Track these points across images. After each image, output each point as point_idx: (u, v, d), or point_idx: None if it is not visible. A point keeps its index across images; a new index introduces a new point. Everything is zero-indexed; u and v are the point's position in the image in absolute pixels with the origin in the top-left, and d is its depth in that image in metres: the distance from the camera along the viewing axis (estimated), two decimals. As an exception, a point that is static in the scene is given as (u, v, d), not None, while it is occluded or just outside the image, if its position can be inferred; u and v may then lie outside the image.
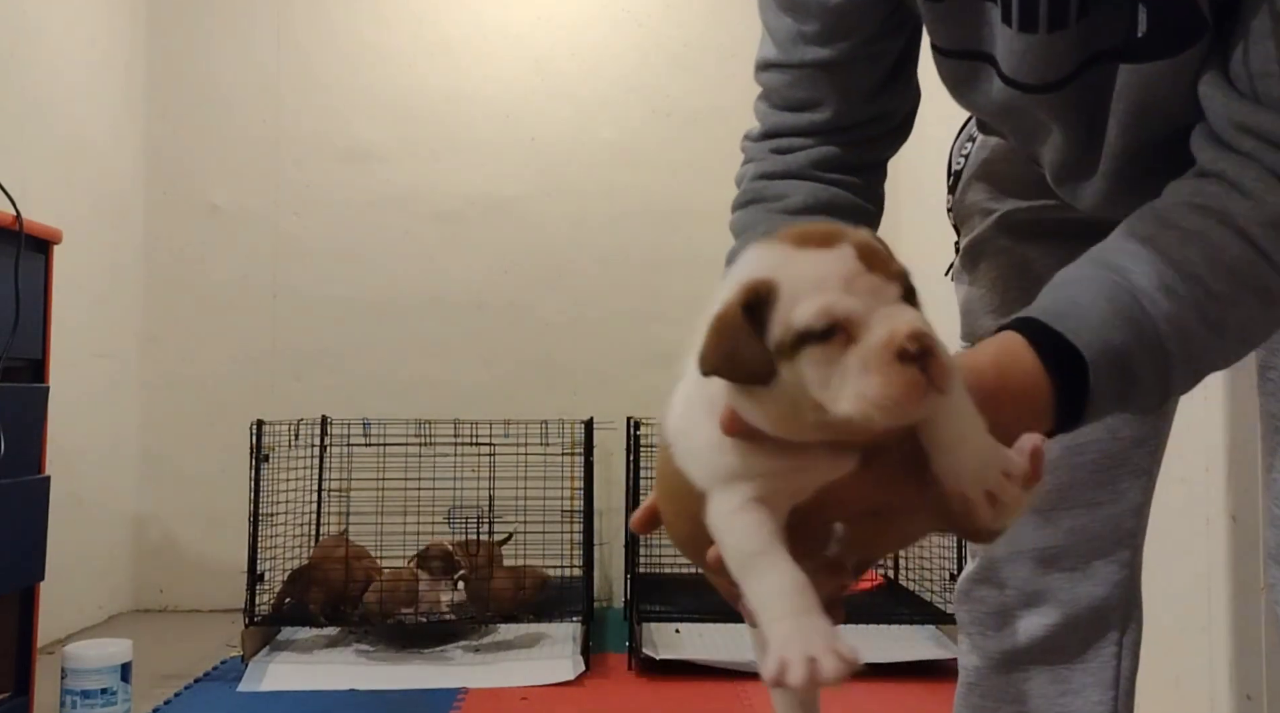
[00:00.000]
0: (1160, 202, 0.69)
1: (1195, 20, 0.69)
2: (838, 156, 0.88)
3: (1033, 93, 0.78)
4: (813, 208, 0.86)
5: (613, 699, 2.52)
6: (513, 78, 3.78)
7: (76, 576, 3.09)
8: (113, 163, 3.51)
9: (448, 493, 3.18)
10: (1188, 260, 0.64)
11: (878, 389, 0.51)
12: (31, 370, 2.18)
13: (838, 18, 0.83)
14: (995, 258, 1.02)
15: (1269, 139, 0.66)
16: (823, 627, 0.52)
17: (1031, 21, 0.73)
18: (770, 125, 0.90)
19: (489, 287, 3.74)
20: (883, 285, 0.52)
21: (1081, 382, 0.63)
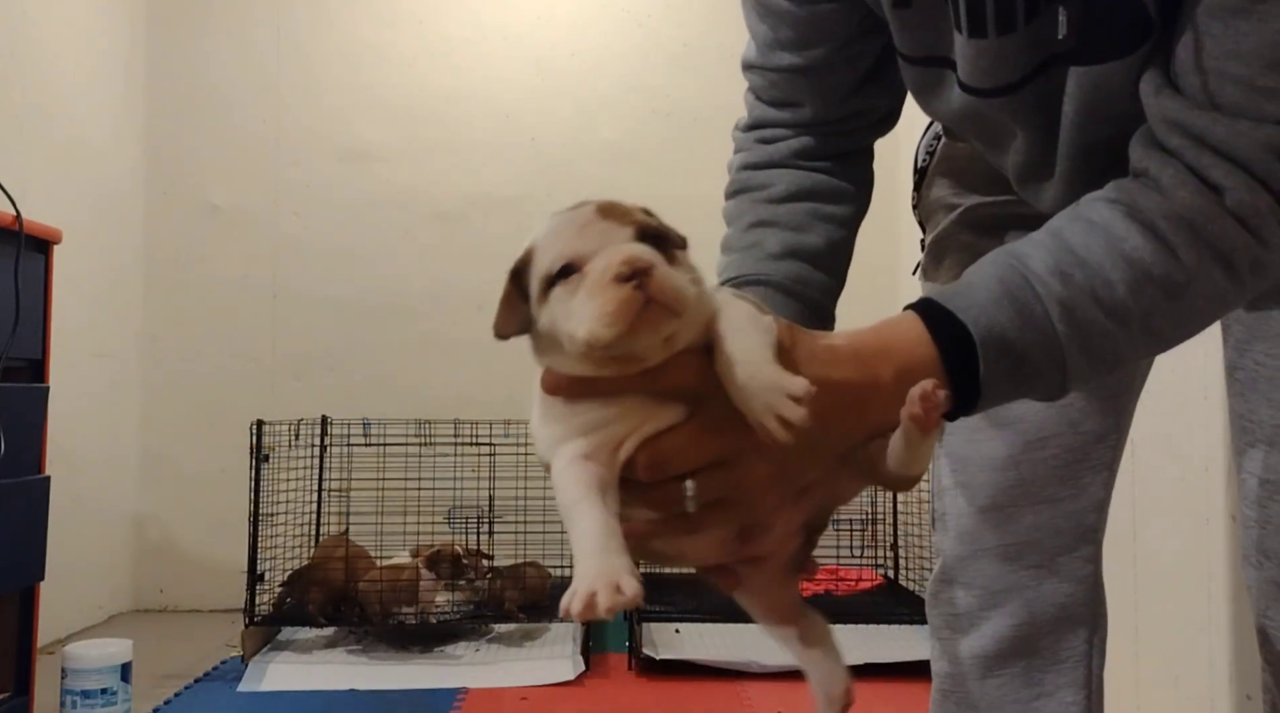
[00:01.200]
0: (1081, 199, 0.70)
1: (1143, 21, 0.69)
2: (819, 146, 0.90)
3: (986, 97, 0.78)
4: (795, 195, 0.88)
5: (613, 699, 2.52)
6: (513, 78, 3.78)
7: (76, 576, 3.09)
8: (113, 163, 3.51)
9: (448, 493, 3.18)
10: (1087, 247, 0.66)
11: (597, 309, 0.57)
12: (31, 370, 2.18)
13: (809, 26, 0.85)
14: (959, 254, 1.02)
15: (1197, 137, 0.65)
16: (614, 564, 0.57)
17: (980, 27, 0.73)
18: (756, 117, 0.93)
19: (489, 287, 3.67)
20: (614, 229, 0.59)
21: (973, 360, 0.65)
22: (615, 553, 0.58)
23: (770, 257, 0.86)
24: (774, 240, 0.86)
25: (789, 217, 0.88)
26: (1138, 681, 2.01)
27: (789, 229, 0.87)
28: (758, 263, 0.85)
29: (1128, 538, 2.03)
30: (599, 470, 0.62)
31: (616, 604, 0.56)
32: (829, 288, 0.88)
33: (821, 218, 0.88)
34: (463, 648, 2.85)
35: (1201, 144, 0.65)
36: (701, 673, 2.60)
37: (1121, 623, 2.07)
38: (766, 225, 0.87)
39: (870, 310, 0.94)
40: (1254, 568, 0.88)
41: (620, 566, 0.57)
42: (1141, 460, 1.92)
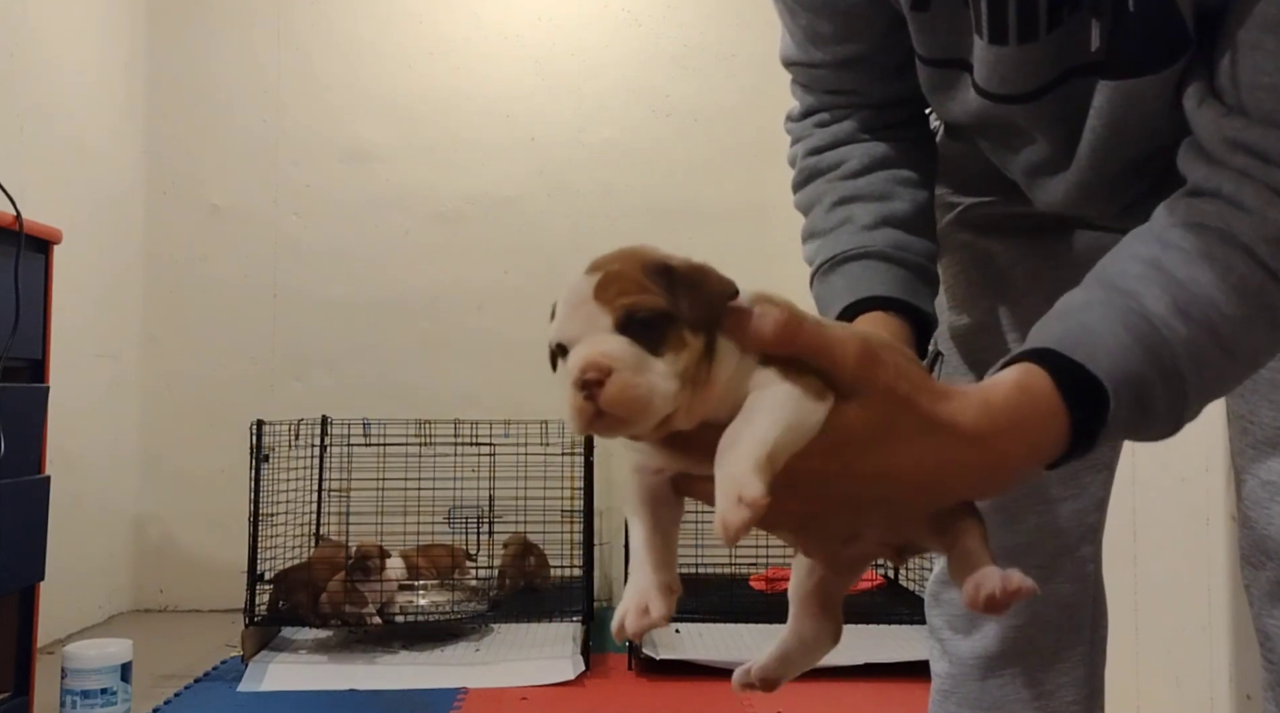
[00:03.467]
0: (1155, 223, 0.68)
1: (1180, 36, 0.68)
2: (879, 118, 0.89)
3: (1003, 103, 0.78)
4: (871, 167, 0.87)
5: (613, 699, 2.52)
6: (513, 78, 3.78)
7: (76, 576, 3.09)
8: (113, 163, 3.51)
9: (448, 493, 3.18)
10: (1196, 281, 0.63)
11: (566, 406, 0.58)
12: (31, 370, 2.18)
13: (849, 20, 0.84)
14: (958, 252, 1.02)
15: (1262, 155, 0.64)
16: (647, 584, 0.60)
17: (1002, 34, 0.73)
18: (809, 104, 0.92)
19: (489, 287, 3.74)
20: (597, 316, 0.58)
21: (1099, 409, 0.62)
22: (653, 570, 0.60)
23: (864, 228, 0.84)
24: (863, 212, 0.85)
25: (871, 187, 0.86)
26: (1138, 681, 2.01)
27: (875, 200, 0.85)
28: (853, 237, 0.84)
29: (1128, 538, 2.03)
30: (653, 482, 0.63)
31: (643, 627, 0.58)
32: (927, 251, 0.85)
33: (902, 183, 0.87)
34: (463, 648, 2.85)
35: (1269, 161, 0.64)
36: (701, 673, 2.60)
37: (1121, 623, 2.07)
38: (851, 201, 0.86)
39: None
40: (1254, 568, 0.88)
41: (653, 584, 0.59)
42: (1141, 461, 1.92)
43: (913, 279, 0.82)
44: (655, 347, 0.57)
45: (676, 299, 0.58)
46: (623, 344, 0.57)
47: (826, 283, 0.84)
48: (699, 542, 3.19)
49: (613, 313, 0.58)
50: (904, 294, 0.81)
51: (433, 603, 2.96)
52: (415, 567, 3.00)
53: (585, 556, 2.98)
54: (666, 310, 0.58)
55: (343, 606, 2.75)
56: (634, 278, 0.58)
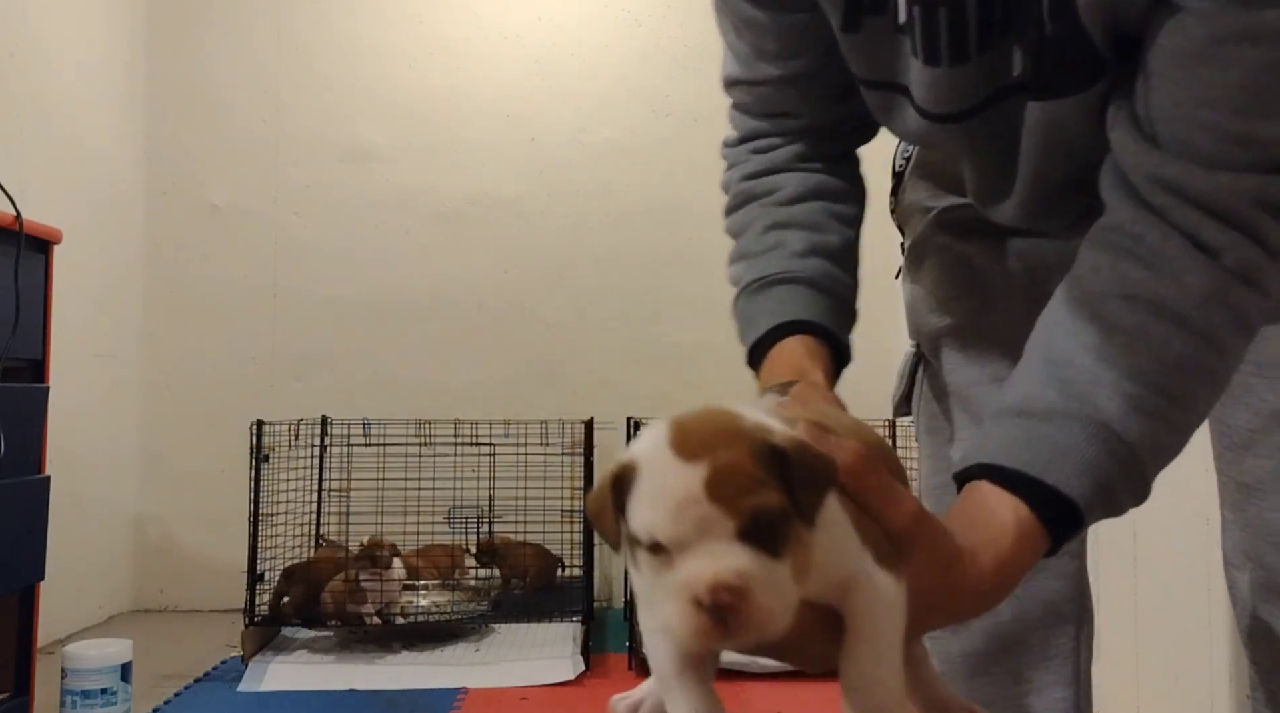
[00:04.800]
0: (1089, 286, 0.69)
1: (1095, 60, 0.70)
2: (816, 149, 0.90)
3: (940, 122, 0.80)
4: (805, 196, 0.88)
5: (613, 699, 2.51)
6: (513, 78, 3.78)
7: (76, 576, 3.09)
8: (113, 163, 3.51)
9: (448, 493, 3.19)
10: (1142, 370, 0.65)
11: (673, 623, 0.52)
12: (31, 370, 2.18)
13: (790, 36, 0.85)
14: (937, 256, 1.03)
15: (1178, 191, 0.65)
16: None
17: (935, 56, 0.75)
18: (747, 130, 0.92)
19: (489, 287, 3.74)
20: (717, 519, 0.51)
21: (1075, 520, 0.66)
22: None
23: (795, 255, 0.85)
24: (795, 239, 0.86)
25: (805, 216, 0.87)
26: (1138, 681, 2.01)
27: (807, 228, 0.87)
28: (784, 261, 0.85)
29: (1128, 538, 2.03)
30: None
31: None
32: (851, 287, 0.88)
33: (835, 217, 0.89)
34: (463, 648, 2.85)
35: (1186, 200, 0.65)
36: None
37: (1121, 623, 2.07)
38: (784, 227, 0.87)
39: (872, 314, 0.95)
40: (1236, 570, 0.89)
41: None
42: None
43: (837, 310, 0.85)
44: (776, 550, 0.52)
45: (793, 492, 0.53)
46: (751, 559, 0.51)
47: (753, 302, 0.85)
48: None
49: (734, 518, 0.51)
50: (829, 323, 0.83)
51: (433, 603, 2.96)
52: (415, 568, 3.00)
53: (585, 556, 2.98)
54: (786, 509, 0.53)
55: (344, 605, 2.75)
56: (749, 471, 0.52)
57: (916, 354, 1.08)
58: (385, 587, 2.80)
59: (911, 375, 1.08)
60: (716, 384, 3.44)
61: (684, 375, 3.53)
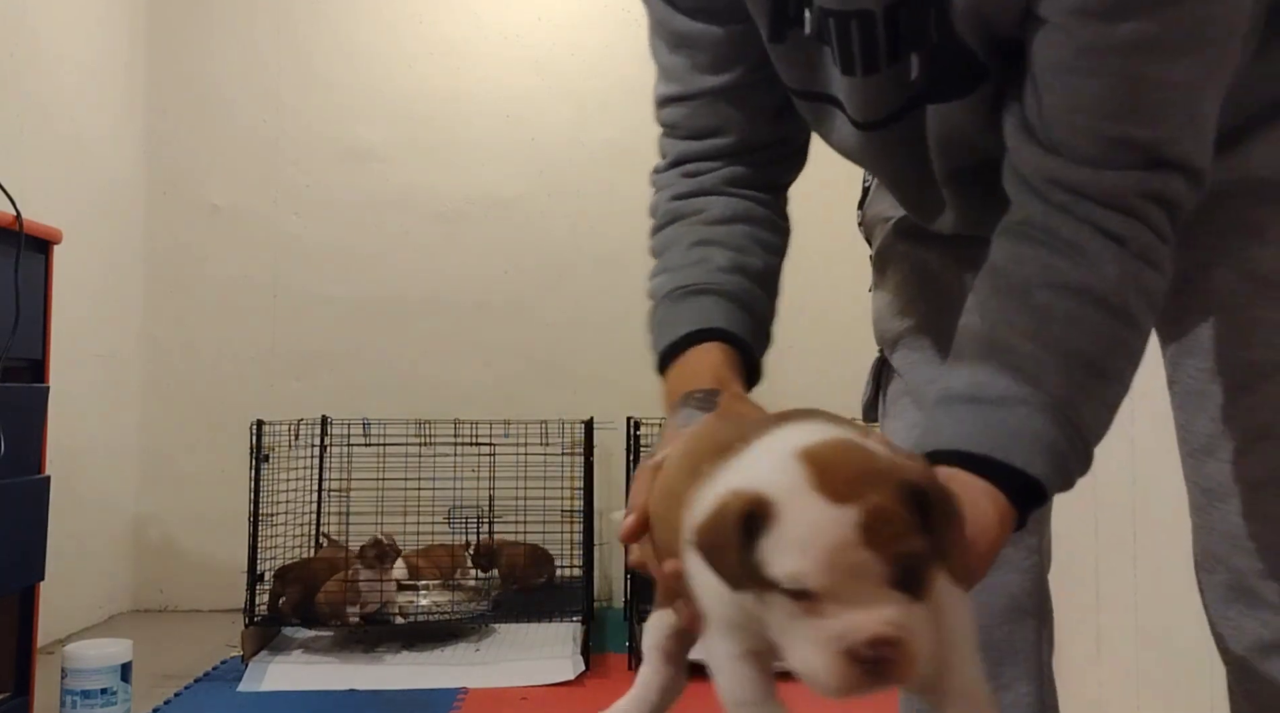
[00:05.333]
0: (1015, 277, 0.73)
1: (977, 66, 0.75)
2: (745, 176, 0.91)
3: (865, 130, 0.83)
4: (732, 218, 0.89)
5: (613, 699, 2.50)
6: (513, 78, 3.78)
7: (76, 576, 3.09)
8: (113, 163, 3.51)
9: (448, 493, 3.19)
10: (1079, 352, 0.70)
11: (821, 673, 0.51)
12: (31, 370, 2.18)
13: (727, 46, 0.87)
14: (898, 263, 1.06)
15: (1077, 191, 0.70)
16: None
17: (850, 65, 0.78)
18: (676, 154, 0.94)
19: (489, 287, 3.74)
20: (870, 566, 0.50)
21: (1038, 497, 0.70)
22: None
23: (720, 269, 0.86)
24: (720, 256, 0.87)
25: (730, 237, 0.89)
26: (1138, 681, 2.01)
27: (732, 249, 0.88)
28: (708, 274, 0.86)
29: (1128, 538, 2.03)
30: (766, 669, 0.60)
31: None
32: (769, 310, 0.89)
33: (759, 242, 0.90)
34: (463, 648, 2.85)
35: (1084, 197, 0.70)
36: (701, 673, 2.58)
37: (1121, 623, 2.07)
38: (710, 243, 0.88)
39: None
40: (1206, 573, 0.93)
41: None
42: (1141, 460, 1.92)
43: (755, 329, 0.86)
44: (919, 593, 0.52)
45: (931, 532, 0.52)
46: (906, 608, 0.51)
47: (673, 309, 0.86)
48: (699, 542, 3.20)
49: (887, 564, 0.50)
50: (747, 338, 0.85)
51: (433, 603, 2.96)
52: (415, 568, 3.00)
53: (585, 556, 2.98)
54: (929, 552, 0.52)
55: (341, 606, 2.75)
56: (899, 515, 0.51)
57: (881, 360, 1.10)
58: (384, 586, 2.79)
59: (877, 380, 1.10)
60: (716, 384, 3.44)
61: (684, 375, 3.52)
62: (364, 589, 2.75)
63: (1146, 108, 0.68)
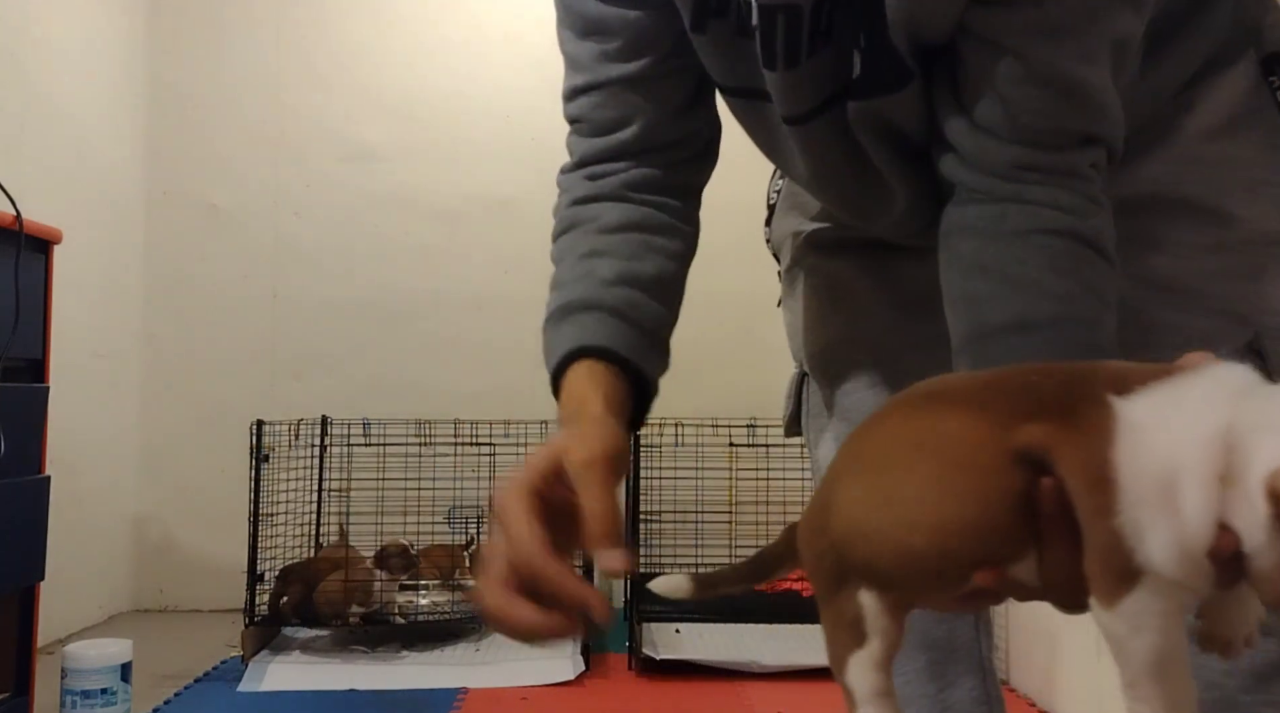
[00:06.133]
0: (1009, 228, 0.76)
1: (901, 69, 0.78)
2: (649, 177, 0.90)
3: (790, 124, 0.84)
4: (625, 226, 0.88)
5: (613, 699, 2.52)
6: (513, 78, 3.78)
7: (76, 576, 3.09)
8: (113, 163, 3.51)
9: (448, 493, 3.19)
10: (1092, 284, 0.74)
11: None
12: (31, 370, 2.17)
13: (638, 32, 0.85)
14: (809, 277, 1.06)
15: (1047, 169, 0.75)
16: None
17: (772, 60, 0.79)
18: (581, 154, 0.92)
19: (489, 287, 3.74)
20: None
21: None
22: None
23: (603, 282, 0.85)
24: (606, 267, 0.86)
25: (621, 245, 0.87)
26: (1138, 681, 2.01)
27: (621, 258, 0.86)
28: (590, 289, 0.85)
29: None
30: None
31: None
32: (663, 318, 0.87)
33: (653, 249, 0.88)
34: (463, 648, 2.85)
35: (1054, 173, 0.75)
36: (701, 673, 2.60)
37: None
38: (599, 255, 0.87)
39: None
40: None
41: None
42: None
43: (640, 339, 0.83)
44: None
45: None
46: None
47: (556, 330, 0.84)
48: (699, 541, 3.20)
49: None
50: (626, 351, 0.82)
51: (433, 603, 2.96)
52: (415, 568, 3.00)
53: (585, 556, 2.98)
54: None
55: (342, 604, 2.75)
56: None
57: (800, 375, 1.10)
58: (385, 587, 2.80)
59: (798, 396, 1.10)
60: (716, 384, 3.45)
61: (684, 375, 3.52)
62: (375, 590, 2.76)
63: (1091, 107, 0.75)
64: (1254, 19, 0.89)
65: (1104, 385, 0.53)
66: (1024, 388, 0.54)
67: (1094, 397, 0.52)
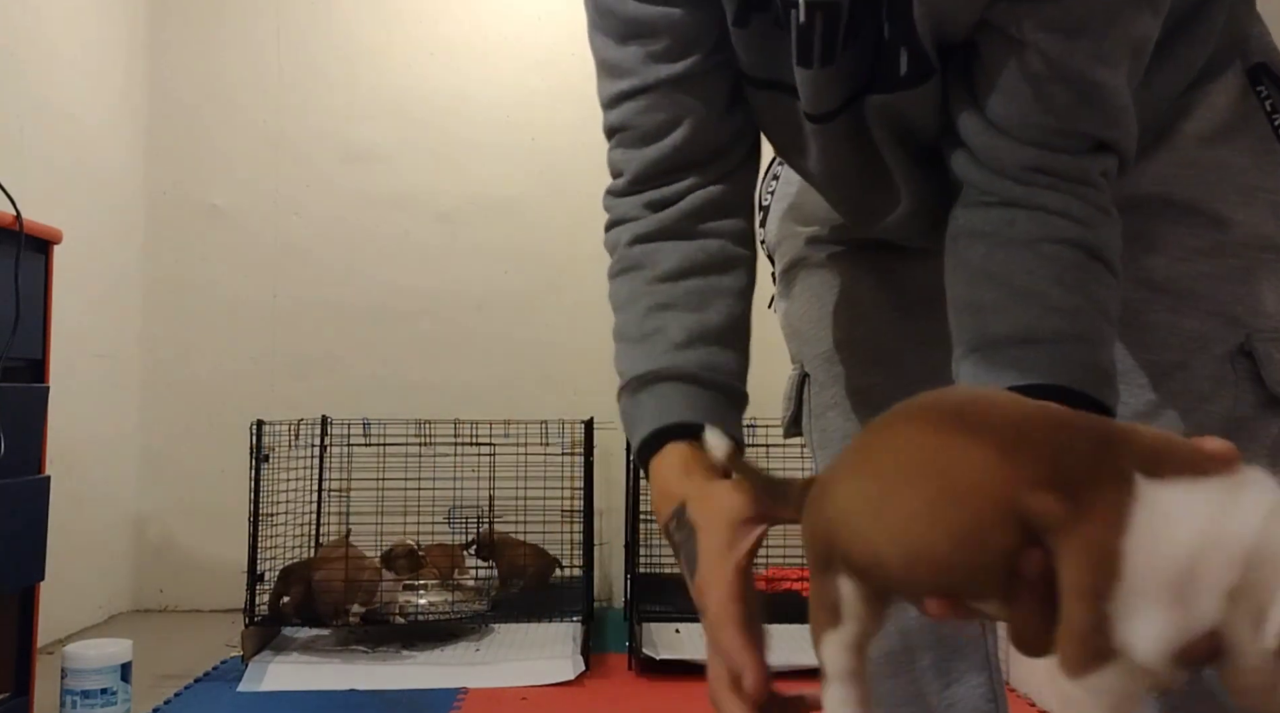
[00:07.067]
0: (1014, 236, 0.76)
1: (923, 64, 0.79)
2: (710, 199, 0.87)
3: (816, 123, 0.84)
4: (687, 271, 0.86)
5: (613, 699, 2.52)
6: (513, 78, 3.78)
7: (76, 576, 3.09)
8: (113, 163, 3.51)
9: (448, 493, 3.19)
10: (1097, 297, 0.74)
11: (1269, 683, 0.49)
12: (31, 370, 2.17)
13: (683, 30, 0.85)
14: (809, 275, 1.07)
15: (1059, 174, 0.75)
16: None
17: (807, 57, 0.79)
18: (636, 171, 0.89)
19: (489, 287, 3.74)
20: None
21: None
22: None
23: (675, 347, 0.84)
24: (676, 327, 0.84)
25: (685, 297, 0.86)
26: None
27: (688, 310, 0.85)
28: (665, 355, 0.84)
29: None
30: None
31: None
32: (738, 368, 0.86)
33: (719, 293, 0.87)
34: (463, 648, 2.85)
35: (1065, 178, 0.76)
36: (702, 673, 2.58)
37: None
38: (664, 309, 0.85)
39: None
40: None
41: None
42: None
43: (722, 402, 0.84)
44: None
45: None
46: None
47: (636, 401, 0.85)
48: (699, 542, 3.20)
49: None
50: (709, 419, 0.80)
51: (432, 603, 2.96)
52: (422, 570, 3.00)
53: (585, 556, 2.99)
54: None
55: (343, 603, 2.75)
56: None
57: (801, 376, 1.10)
58: (385, 587, 2.80)
59: (798, 396, 1.10)
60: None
61: (684, 375, 3.53)
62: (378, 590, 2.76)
63: (1105, 110, 0.76)
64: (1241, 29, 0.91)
65: (1135, 461, 0.52)
66: (1053, 445, 0.53)
67: (1121, 474, 0.51)
